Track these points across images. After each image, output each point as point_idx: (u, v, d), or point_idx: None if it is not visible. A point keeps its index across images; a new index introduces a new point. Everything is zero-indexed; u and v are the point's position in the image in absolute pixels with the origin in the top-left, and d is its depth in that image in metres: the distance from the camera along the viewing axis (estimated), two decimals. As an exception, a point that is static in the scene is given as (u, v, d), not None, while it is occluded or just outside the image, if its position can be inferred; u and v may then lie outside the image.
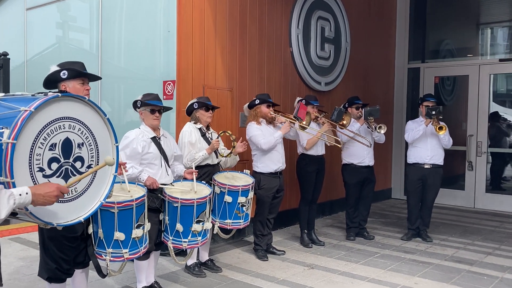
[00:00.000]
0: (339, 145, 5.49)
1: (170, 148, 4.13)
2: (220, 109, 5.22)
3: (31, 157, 2.03)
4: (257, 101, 5.16)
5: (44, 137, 2.07)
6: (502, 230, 6.78)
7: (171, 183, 4.01)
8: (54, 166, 2.14)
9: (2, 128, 1.94)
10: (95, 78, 3.12)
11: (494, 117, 8.65)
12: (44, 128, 2.07)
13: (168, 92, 5.31)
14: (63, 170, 2.18)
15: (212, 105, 4.64)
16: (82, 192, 2.30)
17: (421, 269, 4.88)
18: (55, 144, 2.13)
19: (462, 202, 8.60)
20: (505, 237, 6.31)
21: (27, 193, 1.89)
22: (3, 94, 2.22)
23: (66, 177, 2.19)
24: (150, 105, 3.98)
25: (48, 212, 2.10)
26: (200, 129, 4.59)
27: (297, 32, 6.70)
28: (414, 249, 5.67)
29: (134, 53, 5.80)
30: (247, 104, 5.29)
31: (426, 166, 5.97)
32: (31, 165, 2.03)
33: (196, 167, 4.37)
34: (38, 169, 2.06)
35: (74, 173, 2.23)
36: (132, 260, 3.65)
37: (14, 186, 1.90)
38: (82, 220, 2.28)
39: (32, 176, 2.04)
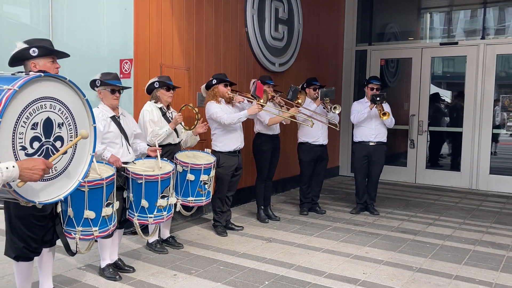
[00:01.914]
0: (309, 125, 5.72)
1: (129, 127, 4.17)
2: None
3: (14, 136, 2.04)
4: (214, 81, 5.24)
5: (27, 116, 2.09)
6: (441, 202, 7.33)
7: (132, 161, 4.06)
8: (36, 145, 2.16)
9: None
10: (64, 55, 3.10)
11: (435, 98, 9.20)
12: (27, 107, 2.09)
13: (125, 70, 5.27)
14: (44, 149, 2.20)
15: (174, 85, 4.68)
16: (61, 171, 2.34)
17: (370, 239, 5.24)
18: (37, 123, 2.15)
19: (405, 177, 9.16)
20: (443, 209, 6.84)
21: (13, 167, 1.91)
22: None
23: (47, 156, 2.21)
24: (110, 85, 3.97)
25: (30, 190, 2.13)
26: (160, 108, 4.63)
27: (252, 12, 6.79)
28: (363, 221, 6.05)
29: (89, 30, 5.67)
30: (204, 84, 5.36)
31: (371, 144, 6.33)
32: (14, 144, 2.05)
33: (159, 146, 4.43)
34: (20, 147, 2.08)
35: (55, 152, 2.26)
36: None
37: None
38: (62, 198, 2.33)
39: (15, 154, 2.06)
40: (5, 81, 2.06)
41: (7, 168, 1.89)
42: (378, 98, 5.99)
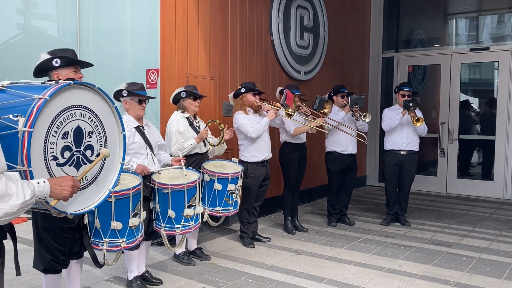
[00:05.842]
0: (325, 131, 5.62)
1: (153, 137, 4.11)
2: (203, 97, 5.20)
3: (45, 146, 1.99)
4: (243, 90, 5.16)
5: (57, 125, 2.03)
6: (474, 213, 7.07)
7: (158, 171, 3.98)
8: (67, 154, 2.10)
9: (17, 116, 1.89)
10: (87, 65, 3.07)
11: (464, 106, 8.95)
12: (57, 116, 2.03)
13: (152, 80, 5.25)
14: (75, 158, 2.14)
15: (200, 94, 4.63)
16: (91, 181, 2.28)
17: (403, 252, 5.05)
18: (68, 132, 2.09)
19: (435, 187, 8.88)
20: (477, 220, 6.58)
21: (44, 182, 1.85)
22: (9, 81, 2.15)
23: (77, 166, 2.15)
24: (138, 95, 3.92)
25: (61, 201, 2.07)
26: (187, 118, 4.58)
27: (277, 20, 6.72)
28: (394, 233, 5.85)
29: (115, 41, 5.69)
30: (232, 93, 5.29)
31: (402, 152, 6.14)
32: (45, 154, 1.99)
33: (185, 156, 4.36)
34: (52, 157, 2.02)
35: (85, 161, 2.20)
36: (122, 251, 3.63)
37: (32, 175, 1.86)
38: (93, 208, 2.26)
39: (47, 164, 2.00)
40: (35, 90, 2.01)
41: (38, 183, 1.83)
42: (411, 104, 5.80)
